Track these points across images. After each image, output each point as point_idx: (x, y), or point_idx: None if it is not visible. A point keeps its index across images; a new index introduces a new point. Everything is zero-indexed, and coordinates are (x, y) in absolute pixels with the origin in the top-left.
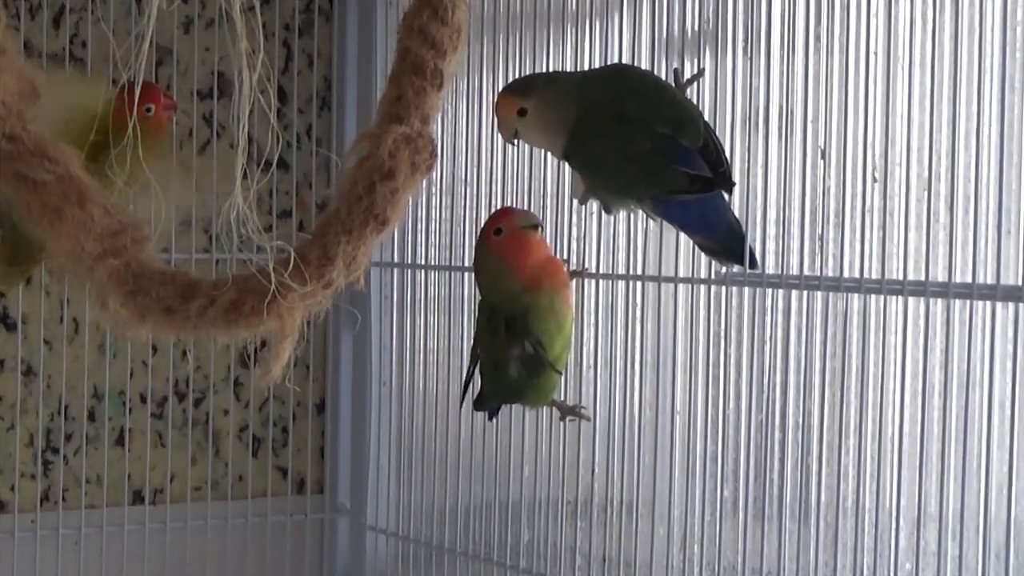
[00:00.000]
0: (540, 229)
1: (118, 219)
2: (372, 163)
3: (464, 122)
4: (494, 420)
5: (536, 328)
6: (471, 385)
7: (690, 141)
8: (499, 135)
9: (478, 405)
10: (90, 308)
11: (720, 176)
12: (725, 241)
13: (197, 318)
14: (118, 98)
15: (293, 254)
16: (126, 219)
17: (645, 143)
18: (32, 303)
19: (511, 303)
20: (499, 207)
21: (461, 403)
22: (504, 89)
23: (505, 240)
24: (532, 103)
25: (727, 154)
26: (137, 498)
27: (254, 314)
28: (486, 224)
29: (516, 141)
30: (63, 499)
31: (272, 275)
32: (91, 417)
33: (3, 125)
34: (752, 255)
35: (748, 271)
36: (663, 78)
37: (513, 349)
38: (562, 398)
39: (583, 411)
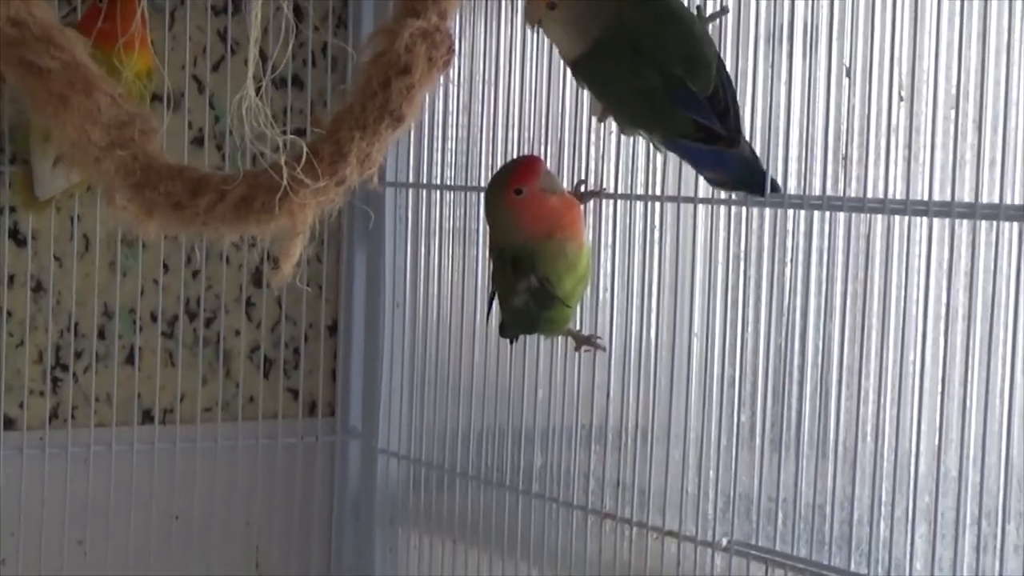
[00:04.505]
0: (562, 193)
1: (126, 109)
2: (388, 58)
3: (482, 40)
4: (511, 344)
5: (543, 268)
6: (493, 310)
7: (699, 87)
8: (513, 56)
9: (502, 332)
10: (101, 224)
11: (728, 132)
12: (739, 176)
13: (206, 214)
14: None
15: (306, 149)
16: (134, 110)
17: (655, 79)
18: (42, 219)
19: (518, 248)
20: (526, 154)
21: (488, 319)
22: None
23: (523, 201)
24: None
25: (739, 101)
26: (147, 417)
27: (265, 210)
28: (508, 174)
29: (537, 29)
30: (72, 417)
31: (284, 170)
32: (101, 335)
33: (7, 8)
34: (773, 182)
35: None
36: (686, 7)
37: (520, 283)
38: (578, 325)
39: (599, 341)
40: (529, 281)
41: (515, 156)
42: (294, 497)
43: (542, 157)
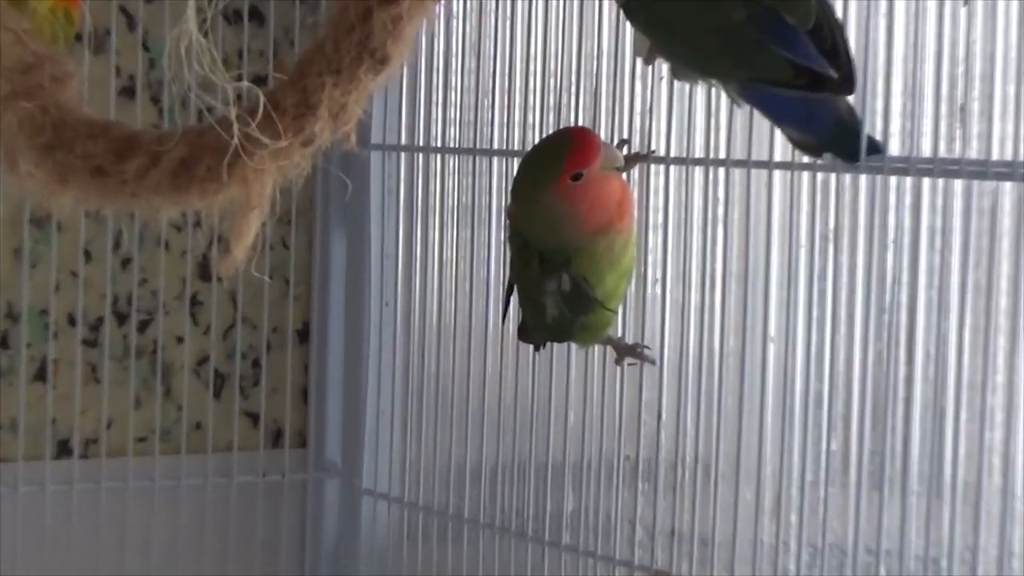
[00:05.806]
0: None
1: (32, 49)
2: None
3: None
4: (533, 353)
5: (580, 266)
6: (509, 310)
7: (797, 19)
8: None
9: (522, 335)
10: (3, 200)
11: (838, 73)
12: (830, 138)
13: (135, 182)
14: None
15: (263, 99)
16: (43, 49)
17: (738, 10)
18: None
19: (555, 245)
20: (573, 124)
21: (503, 322)
22: None
23: (582, 187)
24: None
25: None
26: (63, 450)
27: (211, 178)
28: (562, 154)
29: None
30: None
31: (235, 126)
32: (3, 344)
33: None
34: (872, 141)
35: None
36: None
37: (548, 283)
38: (620, 331)
39: (647, 351)
40: (560, 281)
41: (537, 112)
42: (254, 550)
43: (573, 110)
